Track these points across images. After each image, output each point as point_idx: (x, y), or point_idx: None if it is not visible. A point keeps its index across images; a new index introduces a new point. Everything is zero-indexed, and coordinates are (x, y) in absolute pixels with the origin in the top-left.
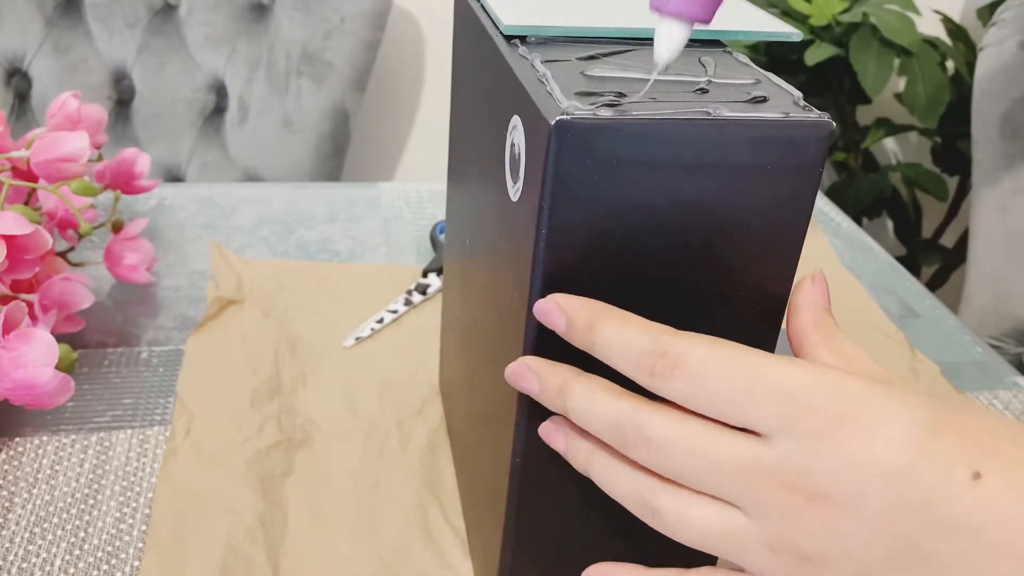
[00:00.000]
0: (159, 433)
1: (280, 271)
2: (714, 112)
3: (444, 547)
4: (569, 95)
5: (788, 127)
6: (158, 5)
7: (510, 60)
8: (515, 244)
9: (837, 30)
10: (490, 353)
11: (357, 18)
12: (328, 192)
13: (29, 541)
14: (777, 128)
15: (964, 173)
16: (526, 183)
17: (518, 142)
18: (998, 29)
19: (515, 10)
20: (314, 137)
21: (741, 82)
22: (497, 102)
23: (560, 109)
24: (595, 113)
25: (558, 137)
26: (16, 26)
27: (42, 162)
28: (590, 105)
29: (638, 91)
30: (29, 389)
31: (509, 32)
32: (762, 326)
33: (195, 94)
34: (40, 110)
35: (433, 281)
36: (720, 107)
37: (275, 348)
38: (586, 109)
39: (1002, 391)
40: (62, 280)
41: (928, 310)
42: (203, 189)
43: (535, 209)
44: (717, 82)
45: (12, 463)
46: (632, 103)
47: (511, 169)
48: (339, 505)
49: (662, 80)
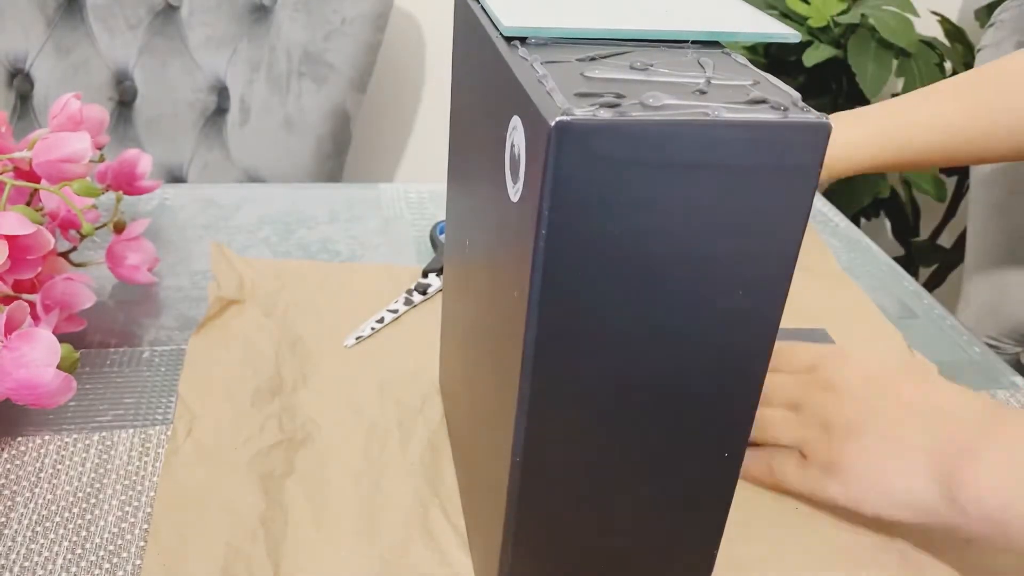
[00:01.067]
0: (161, 432)
1: (281, 271)
2: (713, 113)
3: (444, 546)
4: (569, 96)
5: (787, 128)
6: (159, 6)
7: (510, 61)
8: (515, 244)
9: (835, 31)
10: (491, 353)
11: (358, 19)
12: (329, 192)
13: (31, 540)
14: (776, 129)
15: (962, 174)
16: (526, 184)
17: (518, 143)
18: (996, 30)
19: (515, 11)
20: (315, 138)
21: (740, 83)
22: (497, 103)
23: (560, 110)
24: (595, 114)
25: (558, 138)
26: (18, 27)
27: (44, 163)
28: (589, 106)
29: (638, 92)
30: (31, 389)
31: (509, 33)
32: (759, 325)
33: (196, 95)
34: (42, 111)
35: (433, 281)
36: (719, 108)
37: (276, 348)
38: (586, 110)
39: (1000, 391)
40: (64, 280)
41: (926, 310)
42: (204, 190)
43: (535, 210)
44: (716, 83)
45: (14, 462)
46: (631, 104)
47: (511, 170)
48: (340, 504)
49: (661, 81)
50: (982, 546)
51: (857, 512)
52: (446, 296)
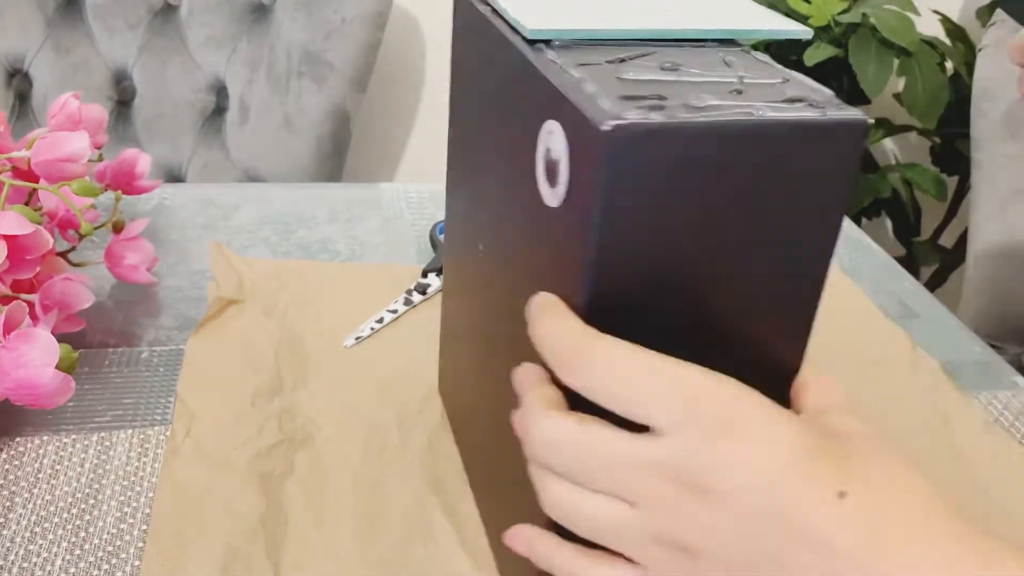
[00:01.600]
0: (160, 433)
1: (280, 271)
2: (757, 113)
3: (444, 546)
4: (613, 99)
5: (830, 125)
6: (159, 5)
7: (538, 64)
8: (556, 249)
9: (836, 30)
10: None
11: (357, 19)
12: (328, 192)
13: (30, 541)
14: (819, 127)
15: (963, 173)
16: (571, 189)
17: (555, 147)
18: (997, 29)
19: (536, 14)
20: (314, 138)
21: (771, 81)
22: (521, 107)
23: (610, 114)
24: (646, 117)
25: (610, 142)
26: (17, 27)
27: (43, 162)
28: (637, 109)
29: (679, 94)
30: (30, 389)
31: (534, 36)
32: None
33: (196, 95)
34: (41, 111)
35: (433, 281)
36: (762, 107)
37: (275, 348)
38: (635, 113)
39: (1001, 391)
40: (63, 280)
41: (927, 310)
42: (204, 189)
43: (582, 214)
44: (749, 82)
45: (13, 463)
46: (676, 106)
47: (547, 175)
48: (339, 504)
49: (694, 81)
50: None
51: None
52: (447, 298)
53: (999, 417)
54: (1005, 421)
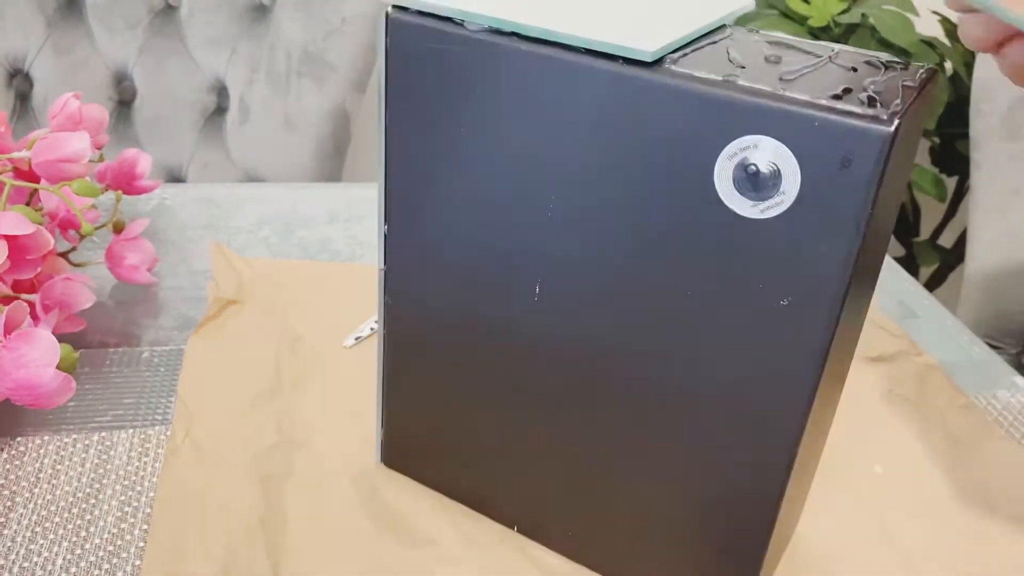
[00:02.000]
0: (160, 433)
1: (280, 271)
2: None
3: (445, 546)
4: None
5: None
6: (159, 6)
7: (689, 87)
8: (774, 261)
9: (836, 31)
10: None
11: (358, 19)
12: (328, 192)
13: (30, 540)
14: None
15: (962, 173)
16: (802, 198)
17: (760, 160)
18: None
19: (628, 35)
20: (315, 138)
21: (855, 58)
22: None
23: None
24: (887, 115)
25: (875, 145)
26: (17, 27)
27: (43, 163)
28: (860, 106)
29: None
30: (30, 389)
31: (655, 57)
32: None
33: (196, 95)
34: (41, 111)
35: None
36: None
37: (275, 348)
38: (884, 116)
39: (1000, 391)
40: (63, 280)
41: (926, 310)
42: (204, 189)
43: (824, 219)
44: (837, 63)
45: (13, 463)
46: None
47: (752, 188)
48: (339, 505)
49: (819, 69)
50: None
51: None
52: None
53: (999, 417)
54: (1005, 421)
